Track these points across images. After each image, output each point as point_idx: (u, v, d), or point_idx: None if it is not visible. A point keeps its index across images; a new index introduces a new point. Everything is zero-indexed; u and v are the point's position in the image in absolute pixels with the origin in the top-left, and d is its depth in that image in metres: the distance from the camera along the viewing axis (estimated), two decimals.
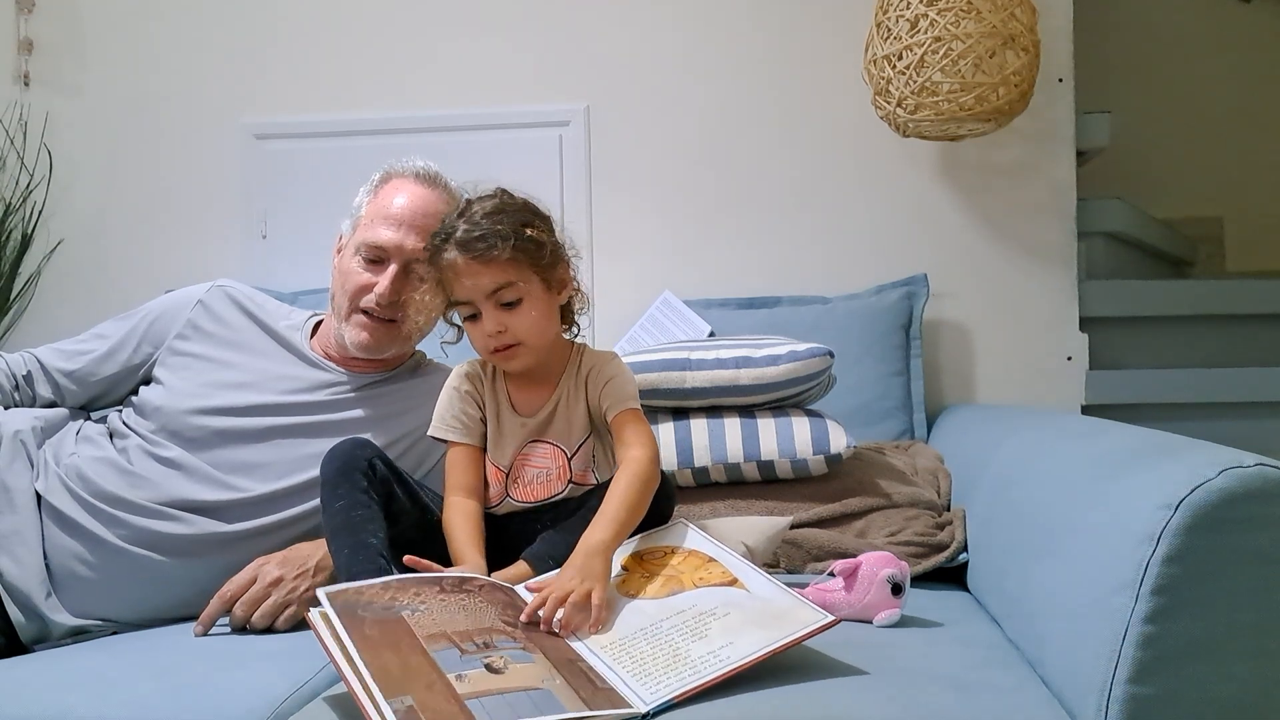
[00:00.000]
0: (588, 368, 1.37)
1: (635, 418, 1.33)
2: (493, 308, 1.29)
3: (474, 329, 1.32)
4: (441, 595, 1.08)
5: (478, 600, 1.09)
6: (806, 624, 1.03)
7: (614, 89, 2.28)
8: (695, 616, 1.06)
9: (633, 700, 0.94)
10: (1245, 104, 3.06)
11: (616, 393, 1.34)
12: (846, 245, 2.23)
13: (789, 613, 1.05)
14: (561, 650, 1.02)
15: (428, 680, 0.93)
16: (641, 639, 1.04)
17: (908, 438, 2.04)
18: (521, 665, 0.97)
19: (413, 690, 0.91)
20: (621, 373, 1.36)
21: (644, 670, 0.98)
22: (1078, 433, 1.32)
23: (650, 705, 0.93)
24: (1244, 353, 2.28)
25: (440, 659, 0.96)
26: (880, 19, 2.00)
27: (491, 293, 1.28)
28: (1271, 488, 0.84)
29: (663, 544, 1.23)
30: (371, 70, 2.33)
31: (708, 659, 0.99)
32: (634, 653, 1.01)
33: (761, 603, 1.08)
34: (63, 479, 1.41)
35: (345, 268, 1.54)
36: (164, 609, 1.37)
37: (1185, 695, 0.84)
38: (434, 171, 1.56)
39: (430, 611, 1.04)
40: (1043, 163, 2.20)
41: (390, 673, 0.93)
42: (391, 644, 0.97)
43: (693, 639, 1.02)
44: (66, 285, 2.37)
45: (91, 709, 1.03)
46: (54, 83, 2.39)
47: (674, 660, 0.99)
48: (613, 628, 1.06)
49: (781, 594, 1.10)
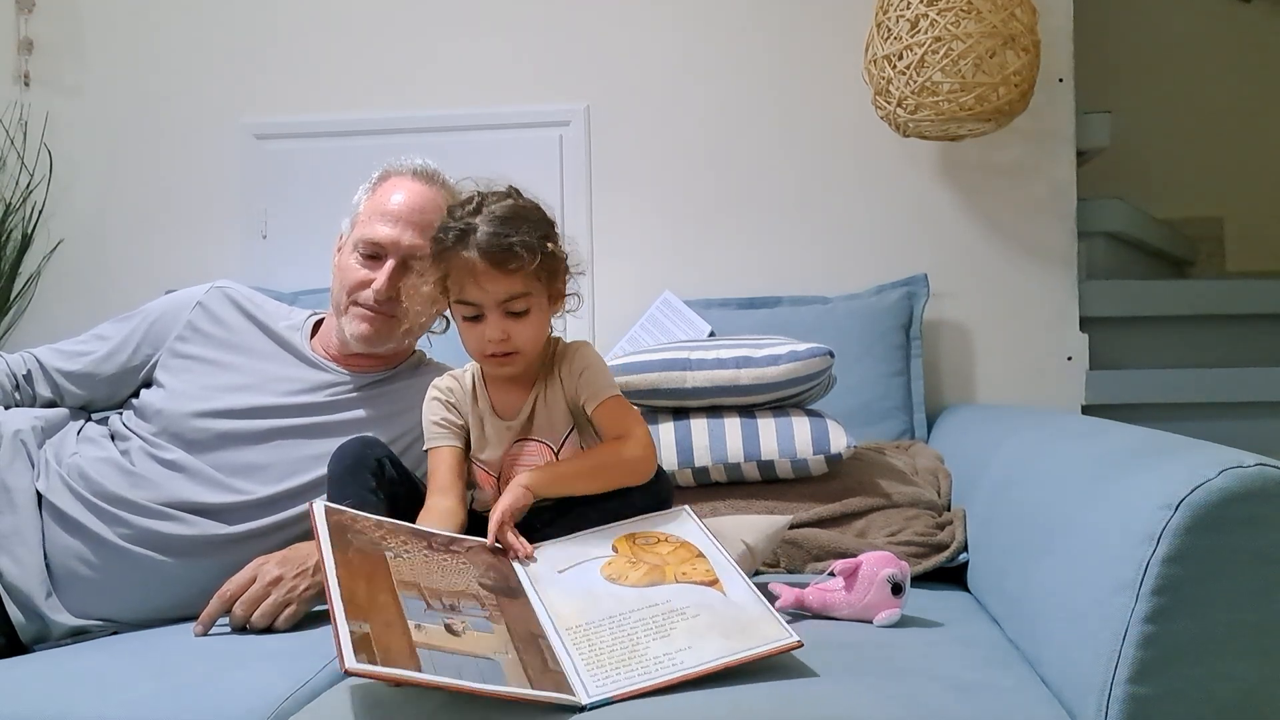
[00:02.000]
0: (559, 360, 1.36)
1: (616, 405, 1.33)
2: (499, 315, 1.28)
3: (471, 329, 1.30)
4: (427, 551, 1.12)
5: (460, 561, 1.12)
6: (769, 640, 1.02)
7: (614, 89, 2.28)
8: (665, 613, 1.06)
9: (577, 689, 0.96)
10: (1245, 104, 3.06)
11: (591, 385, 1.33)
12: (846, 245, 2.23)
13: (755, 625, 1.05)
14: (529, 624, 1.05)
15: (388, 618, 0.97)
16: (606, 627, 1.05)
17: (908, 438, 2.04)
18: (480, 634, 1.01)
19: (372, 622, 0.95)
20: (593, 363, 1.35)
21: (598, 661, 1.00)
22: (1078, 433, 1.32)
23: (590, 699, 0.95)
24: (1244, 353, 2.29)
25: (407, 605, 1.00)
26: (880, 19, 2.00)
27: (503, 301, 1.27)
28: (1271, 488, 0.84)
29: (658, 530, 1.23)
30: (372, 70, 2.33)
31: (662, 660, 1.00)
32: (594, 641, 1.03)
33: (734, 610, 1.08)
34: (64, 478, 1.41)
35: (344, 265, 1.54)
36: (164, 609, 1.37)
37: (1185, 695, 0.84)
38: (432, 169, 1.57)
39: (411, 561, 1.08)
40: (1043, 163, 2.20)
41: (357, 599, 0.97)
42: (367, 575, 1.02)
43: (655, 636, 1.03)
44: (66, 285, 2.37)
45: (91, 709, 1.02)
46: (54, 83, 2.39)
47: (630, 656, 1.00)
48: (583, 609, 1.08)
49: (756, 604, 1.09)
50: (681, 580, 1.12)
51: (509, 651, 0.99)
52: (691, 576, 1.13)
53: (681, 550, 1.19)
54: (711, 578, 1.13)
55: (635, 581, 1.12)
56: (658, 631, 1.04)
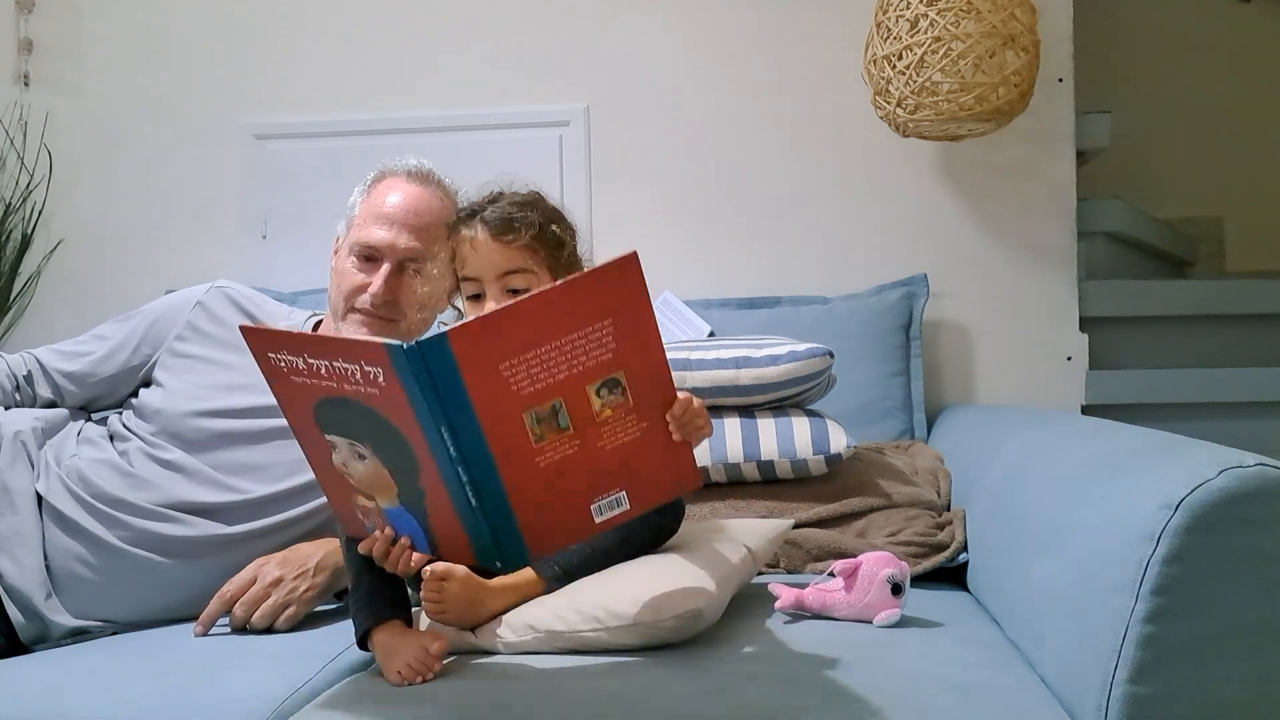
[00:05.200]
0: None
1: None
2: (499, 291, 1.27)
3: (474, 310, 1.30)
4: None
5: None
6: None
7: (614, 89, 2.28)
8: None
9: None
10: (1245, 104, 3.06)
11: None
12: (846, 245, 2.23)
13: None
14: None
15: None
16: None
17: (908, 438, 2.04)
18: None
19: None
20: None
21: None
22: (1077, 433, 1.32)
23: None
24: (1244, 353, 2.28)
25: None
26: (880, 19, 2.00)
27: (503, 274, 1.26)
28: (1271, 488, 0.84)
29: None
30: (372, 70, 2.33)
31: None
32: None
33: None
34: (64, 480, 1.41)
35: (340, 268, 1.54)
36: (164, 610, 1.37)
37: (1185, 695, 0.84)
38: (427, 169, 1.56)
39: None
40: (1043, 163, 2.20)
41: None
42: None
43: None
44: (66, 285, 2.37)
45: (91, 709, 1.03)
46: (54, 83, 2.39)
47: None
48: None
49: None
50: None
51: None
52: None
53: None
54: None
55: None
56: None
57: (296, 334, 0.97)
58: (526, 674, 1.05)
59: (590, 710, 0.95)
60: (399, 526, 1.03)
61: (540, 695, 0.99)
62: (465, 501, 0.95)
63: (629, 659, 1.09)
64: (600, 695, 0.98)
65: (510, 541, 0.96)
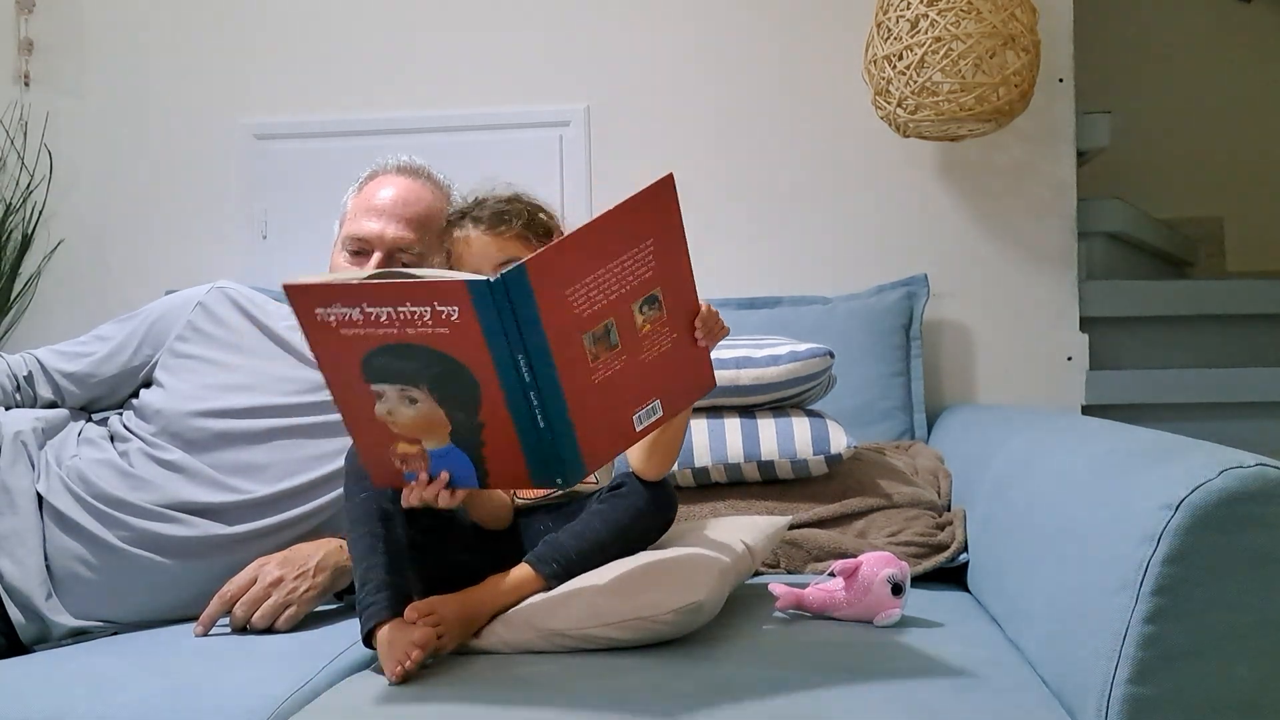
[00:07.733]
0: None
1: None
2: None
3: None
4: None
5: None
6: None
7: (614, 89, 2.28)
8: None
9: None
10: (1246, 104, 3.06)
11: None
12: (846, 245, 2.22)
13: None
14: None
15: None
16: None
17: (908, 438, 2.04)
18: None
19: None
20: None
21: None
22: (1078, 433, 1.32)
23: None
24: (1244, 353, 2.28)
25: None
26: (880, 19, 2.00)
27: (499, 265, 1.27)
28: (1271, 488, 0.84)
29: None
30: (372, 70, 2.33)
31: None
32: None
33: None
34: (64, 480, 1.41)
35: (334, 265, 1.55)
36: (165, 610, 1.37)
37: (1185, 695, 0.84)
38: (417, 164, 1.58)
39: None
40: (1043, 163, 2.20)
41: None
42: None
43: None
44: (66, 285, 2.37)
45: (91, 709, 1.03)
46: (54, 83, 2.39)
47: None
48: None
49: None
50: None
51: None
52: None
53: None
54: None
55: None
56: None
57: (355, 284, 0.98)
58: (527, 673, 1.06)
59: (591, 710, 0.95)
60: (443, 465, 1.06)
61: (541, 695, 0.99)
62: (531, 426, 0.99)
63: (630, 659, 1.09)
64: (601, 695, 0.98)
65: (572, 457, 1.02)
